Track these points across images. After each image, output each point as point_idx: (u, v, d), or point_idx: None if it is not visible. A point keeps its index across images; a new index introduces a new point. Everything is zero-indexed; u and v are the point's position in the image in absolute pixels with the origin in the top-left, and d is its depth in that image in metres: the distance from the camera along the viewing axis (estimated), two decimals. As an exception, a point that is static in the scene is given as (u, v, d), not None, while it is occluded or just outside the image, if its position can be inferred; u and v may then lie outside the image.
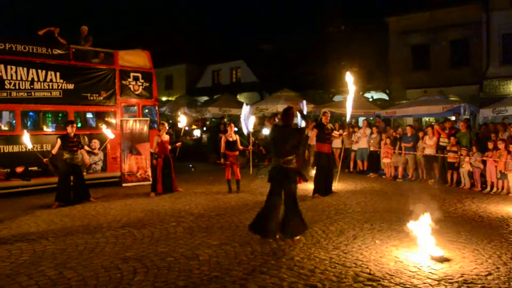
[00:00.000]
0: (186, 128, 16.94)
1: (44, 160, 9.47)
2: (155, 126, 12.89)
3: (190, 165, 15.84)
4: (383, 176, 13.36)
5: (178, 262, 5.43)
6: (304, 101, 9.65)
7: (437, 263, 5.28)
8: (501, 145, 10.47)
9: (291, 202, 6.48)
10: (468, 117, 14.26)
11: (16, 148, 10.64)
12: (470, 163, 11.18)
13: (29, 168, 10.60)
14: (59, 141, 9.35)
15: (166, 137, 10.73)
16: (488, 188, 10.75)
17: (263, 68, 29.14)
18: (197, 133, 20.90)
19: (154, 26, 35.91)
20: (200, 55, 32.71)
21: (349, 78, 9.10)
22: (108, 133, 10.82)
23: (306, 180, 8.03)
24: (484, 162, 10.89)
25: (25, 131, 9.78)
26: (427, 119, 19.93)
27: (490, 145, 10.81)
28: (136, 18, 51.48)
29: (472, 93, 18.83)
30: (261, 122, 19.84)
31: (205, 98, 28.84)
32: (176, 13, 53.79)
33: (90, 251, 5.95)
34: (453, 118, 14.77)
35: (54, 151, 9.41)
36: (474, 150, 11.16)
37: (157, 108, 13.91)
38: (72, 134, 9.46)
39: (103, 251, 5.92)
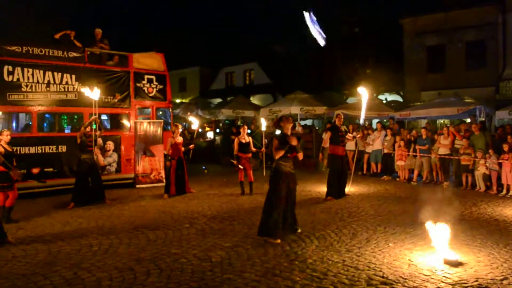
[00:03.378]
0: (200, 130, 17.02)
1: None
2: (169, 128, 12.98)
3: (203, 167, 15.91)
4: (397, 179, 13.25)
5: (191, 263, 5.45)
6: None
7: (452, 267, 5.21)
8: (517, 148, 10.33)
9: None
10: (483, 119, 14.08)
11: (32, 150, 10.80)
12: (486, 166, 11.04)
13: (45, 169, 10.74)
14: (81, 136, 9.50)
15: (179, 139, 10.80)
16: (504, 191, 10.58)
17: (276, 70, 29.15)
18: (210, 135, 20.99)
19: (168, 29, 36.17)
20: (214, 57, 32.85)
21: (362, 89, 9.15)
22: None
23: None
24: (500, 165, 10.74)
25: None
26: (441, 121, 19.72)
27: (506, 147, 10.65)
28: (150, 21, 51.92)
29: (488, 95, 18.57)
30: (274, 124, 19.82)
31: (219, 100, 28.95)
32: (190, 16, 54.11)
33: (104, 252, 6.01)
34: (469, 120, 14.60)
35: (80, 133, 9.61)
36: (491, 152, 11.01)
37: (171, 110, 14.04)
38: (88, 135, 9.62)
39: (117, 252, 5.97)
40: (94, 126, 9.93)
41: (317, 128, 20.86)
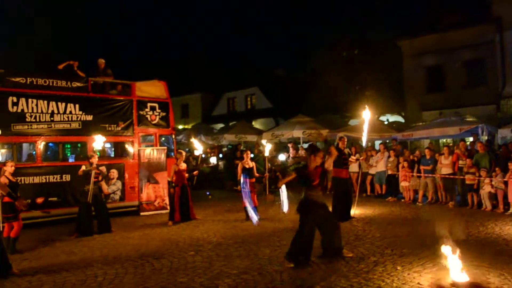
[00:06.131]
0: (203, 155, 17.05)
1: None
2: (172, 154, 13.01)
3: (207, 193, 15.86)
4: (402, 200, 13.18)
5: (198, 292, 5.40)
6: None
7: (462, 289, 5.14)
8: (522, 166, 10.30)
9: None
10: (486, 137, 14.07)
11: (36, 179, 10.82)
12: (492, 185, 10.99)
13: (49, 199, 10.74)
14: (84, 168, 9.50)
15: (183, 166, 10.81)
16: (511, 210, 10.51)
17: (278, 94, 29.36)
18: (213, 160, 21.00)
19: (170, 56, 36.67)
20: (215, 83, 33.17)
21: (366, 112, 9.19)
22: None
23: None
24: (506, 183, 10.69)
25: None
26: (444, 140, 19.71)
27: (511, 166, 10.62)
28: (151, 48, 52.66)
29: (490, 113, 18.58)
30: (277, 148, 19.86)
31: (221, 125, 29.09)
32: (191, 42, 54.87)
33: (109, 282, 5.96)
34: (471, 139, 14.59)
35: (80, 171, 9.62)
36: (498, 171, 10.97)
37: (174, 137, 14.07)
38: (95, 166, 9.60)
39: (122, 282, 5.92)
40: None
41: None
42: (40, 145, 11.16)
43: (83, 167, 9.55)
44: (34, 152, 11.71)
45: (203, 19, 61.29)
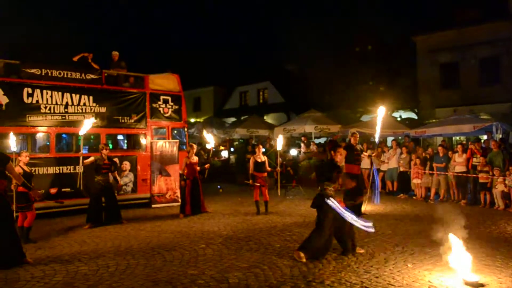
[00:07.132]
0: (214, 149, 17.10)
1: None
2: (184, 147, 13.07)
3: (218, 186, 15.93)
4: (414, 197, 13.11)
5: (208, 285, 5.43)
6: None
7: (473, 288, 5.12)
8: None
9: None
10: (501, 136, 13.91)
11: (50, 170, 10.95)
12: (505, 184, 10.88)
13: (62, 189, 10.89)
14: (93, 159, 9.62)
15: (194, 159, 10.86)
16: (524, 210, 10.40)
17: (290, 89, 29.27)
18: (225, 154, 21.06)
19: (183, 49, 36.76)
20: (228, 77, 33.15)
21: (380, 108, 9.13)
22: None
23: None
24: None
25: None
26: (457, 138, 19.53)
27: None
28: (165, 41, 52.80)
29: (504, 111, 18.37)
30: (288, 143, 19.85)
31: (233, 119, 29.12)
32: (203, 36, 54.92)
33: (121, 272, 6.02)
34: (485, 137, 14.43)
35: (85, 162, 9.72)
36: (511, 170, 10.84)
37: (186, 130, 14.13)
38: (105, 157, 9.71)
39: (133, 273, 5.98)
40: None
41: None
42: (54, 136, 11.28)
43: (92, 158, 9.67)
44: (48, 143, 11.83)
45: (216, 12, 61.28)
